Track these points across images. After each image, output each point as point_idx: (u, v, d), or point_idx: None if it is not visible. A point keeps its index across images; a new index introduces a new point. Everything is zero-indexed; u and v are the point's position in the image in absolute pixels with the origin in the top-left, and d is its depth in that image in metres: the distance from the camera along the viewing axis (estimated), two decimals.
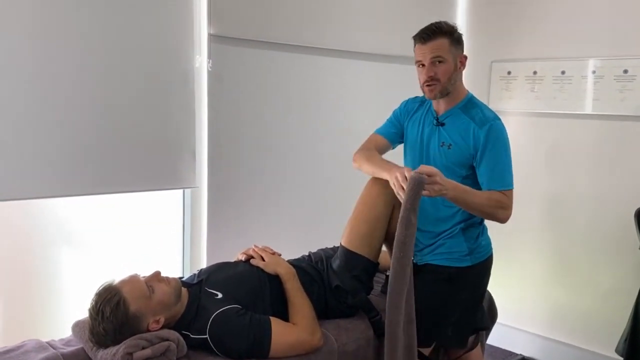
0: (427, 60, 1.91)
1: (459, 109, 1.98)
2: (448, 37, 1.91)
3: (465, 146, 1.93)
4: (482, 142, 1.90)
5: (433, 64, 1.90)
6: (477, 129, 1.91)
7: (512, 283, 3.21)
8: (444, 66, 1.91)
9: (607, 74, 2.84)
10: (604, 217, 2.91)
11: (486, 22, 3.30)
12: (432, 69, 1.90)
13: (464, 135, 1.93)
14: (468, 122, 1.94)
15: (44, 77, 1.96)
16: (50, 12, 1.96)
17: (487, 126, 1.91)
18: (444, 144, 1.97)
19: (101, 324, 1.57)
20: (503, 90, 3.20)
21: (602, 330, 2.91)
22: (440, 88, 1.92)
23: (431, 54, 1.90)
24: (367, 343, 1.95)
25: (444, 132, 1.98)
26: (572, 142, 3.00)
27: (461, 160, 1.95)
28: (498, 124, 1.94)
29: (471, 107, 1.97)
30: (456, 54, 1.93)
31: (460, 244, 1.98)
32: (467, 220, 2.00)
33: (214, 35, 2.36)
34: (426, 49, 1.91)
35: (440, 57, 1.90)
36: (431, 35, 1.90)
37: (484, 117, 1.93)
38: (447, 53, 1.90)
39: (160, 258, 2.43)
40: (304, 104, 2.75)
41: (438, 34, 1.90)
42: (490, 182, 1.91)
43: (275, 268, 1.89)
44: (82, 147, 2.07)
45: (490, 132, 1.90)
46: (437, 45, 1.89)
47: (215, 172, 2.45)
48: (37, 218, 2.13)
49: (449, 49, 1.91)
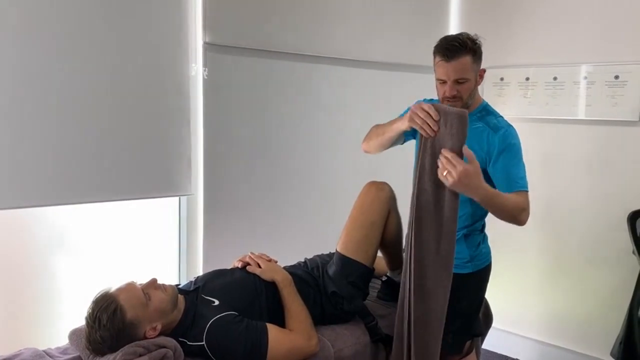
0: (451, 80, 1.86)
1: (474, 115, 1.97)
2: (471, 54, 1.85)
3: (479, 151, 1.92)
4: (496, 147, 1.90)
5: (456, 83, 1.87)
6: (491, 134, 1.91)
7: (508, 288, 3.22)
8: (466, 85, 1.87)
9: (599, 79, 2.87)
10: (598, 221, 2.93)
11: (479, 29, 3.30)
12: (455, 88, 1.87)
13: (479, 140, 1.93)
14: (483, 127, 1.94)
15: (38, 86, 1.97)
16: (46, 22, 1.97)
17: (502, 132, 1.91)
18: None
19: (98, 332, 1.57)
20: (496, 96, 3.23)
21: (598, 334, 2.92)
22: (461, 104, 1.90)
23: (455, 75, 1.84)
24: (363, 349, 1.95)
25: None
26: (565, 147, 3.03)
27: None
28: (512, 130, 1.94)
29: (486, 115, 1.98)
30: (477, 70, 1.90)
31: (462, 250, 1.99)
32: (469, 226, 2.01)
33: (210, 43, 2.38)
34: (450, 67, 1.84)
35: (464, 77, 1.85)
36: (455, 53, 1.83)
37: (498, 123, 1.94)
38: (470, 72, 1.86)
39: (156, 265, 2.43)
40: (299, 111, 2.77)
41: (462, 52, 1.83)
42: (508, 186, 1.89)
43: (272, 275, 1.90)
44: (78, 156, 2.07)
45: (505, 138, 1.90)
46: (461, 64, 1.84)
47: (211, 180, 2.46)
48: (33, 226, 2.13)
49: (472, 66, 1.86)
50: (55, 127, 2.02)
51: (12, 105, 1.92)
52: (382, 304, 2.20)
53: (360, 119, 3.01)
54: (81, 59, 2.05)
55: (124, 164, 2.20)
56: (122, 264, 2.32)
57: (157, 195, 2.35)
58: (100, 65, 2.10)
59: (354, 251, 2.01)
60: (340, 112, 2.94)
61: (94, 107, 2.10)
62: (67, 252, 2.22)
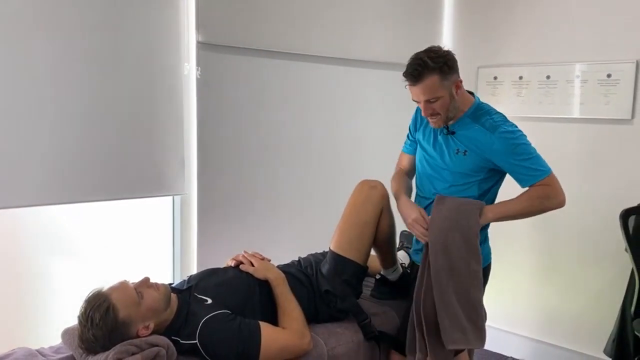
0: (422, 101, 1.89)
1: (467, 117, 1.97)
2: (437, 72, 1.84)
3: (480, 152, 1.93)
4: (499, 149, 1.89)
5: (428, 102, 1.88)
6: (490, 135, 1.90)
7: (502, 286, 3.23)
8: (439, 102, 1.88)
9: (591, 78, 2.88)
10: (591, 219, 2.94)
11: (472, 28, 3.34)
12: (430, 107, 1.89)
13: (477, 142, 1.93)
14: (479, 129, 1.93)
15: (31, 86, 1.97)
16: (38, 22, 1.96)
17: (499, 131, 1.89)
18: (459, 151, 1.96)
19: (90, 330, 1.58)
20: (490, 95, 3.24)
21: (591, 332, 2.93)
22: (443, 118, 1.92)
23: (424, 96, 1.86)
24: (356, 347, 1.96)
25: (457, 140, 1.97)
26: (558, 145, 3.03)
27: (478, 165, 1.95)
28: (508, 125, 1.93)
29: (480, 115, 1.96)
30: (449, 85, 1.88)
31: None
32: None
33: (202, 42, 2.38)
34: (418, 90, 1.87)
35: (434, 97, 1.86)
36: (419, 76, 1.84)
37: (493, 122, 1.92)
38: (439, 90, 1.85)
39: (150, 265, 2.42)
40: (292, 110, 2.77)
41: (425, 73, 1.83)
42: (527, 180, 1.90)
43: (265, 273, 1.90)
44: (71, 155, 2.08)
45: (504, 136, 1.89)
46: (427, 86, 1.84)
47: (204, 179, 2.46)
48: (26, 225, 2.13)
49: (441, 84, 1.85)
50: (48, 128, 2.02)
51: (7, 107, 1.92)
52: (376, 302, 2.21)
53: (354, 118, 3.03)
54: (73, 59, 2.05)
55: (117, 163, 2.20)
56: (116, 264, 2.32)
57: (150, 194, 2.35)
58: (92, 65, 2.10)
59: (347, 250, 2.02)
60: (333, 111, 2.95)
61: (86, 108, 2.10)
62: (60, 251, 2.22)
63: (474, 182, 1.97)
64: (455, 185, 1.99)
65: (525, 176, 1.91)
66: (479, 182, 1.97)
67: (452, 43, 3.37)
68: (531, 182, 1.90)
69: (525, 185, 1.93)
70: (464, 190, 1.98)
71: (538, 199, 1.88)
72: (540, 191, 1.89)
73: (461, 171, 1.97)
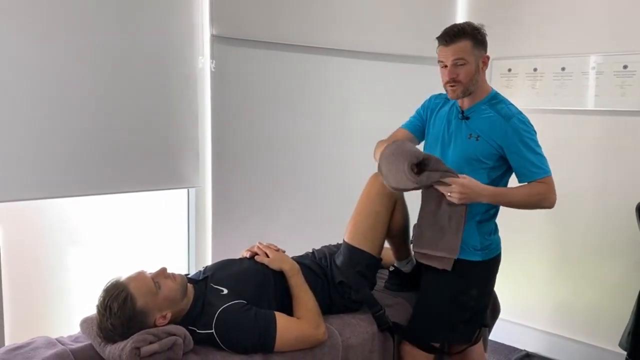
0: (449, 62, 1.90)
1: (483, 104, 1.99)
2: (471, 39, 1.90)
3: (492, 138, 1.94)
4: (510, 136, 1.91)
5: (455, 66, 1.90)
6: (504, 122, 1.93)
7: (516, 279, 3.22)
8: (465, 68, 1.90)
9: (607, 70, 2.86)
10: (607, 212, 2.92)
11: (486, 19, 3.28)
12: (454, 71, 1.90)
13: (491, 128, 1.95)
14: (494, 115, 1.95)
15: (49, 79, 2.00)
16: (55, 15, 1.99)
17: (514, 120, 1.92)
18: (472, 136, 1.98)
19: (109, 320, 1.59)
20: (504, 87, 3.22)
21: (606, 325, 2.92)
22: (462, 89, 1.93)
23: (453, 56, 1.89)
24: (371, 337, 1.97)
25: (471, 125, 1.99)
26: (574, 137, 3.01)
27: (489, 152, 1.96)
28: (523, 117, 1.96)
29: (496, 103, 1.99)
30: (479, 55, 1.92)
31: (474, 237, 1.99)
32: (483, 212, 2.01)
33: (217, 36, 2.39)
34: (448, 51, 1.90)
35: (463, 59, 1.89)
36: (454, 38, 1.89)
37: (509, 111, 1.95)
38: (469, 55, 1.89)
39: (166, 256, 2.45)
40: (307, 103, 2.78)
41: (461, 36, 1.89)
42: (528, 175, 1.93)
43: (280, 264, 1.92)
44: (87, 148, 2.10)
45: (518, 126, 1.91)
46: (459, 47, 1.89)
47: (218, 172, 2.48)
48: (45, 217, 2.16)
49: (472, 51, 1.90)
50: (65, 121, 2.05)
51: (26, 100, 1.96)
52: (390, 293, 2.21)
53: (369, 111, 3.02)
54: (90, 52, 2.08)
55: (133, 157, 2.22)
56: (133, 255, 2.34)
57: (166, 187, 2.38)
58: (108, 58, 2.12)
59: (361, 241, 2.02)
60: (348, 104, 2.95)
61: (102, 101, 2.13)
62: (78, 242, 2.25)
63: (483, 170, 1.97)
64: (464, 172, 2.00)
65: (527, 171, 1.93)
66: (488, 170, 1.98)
67: None
68: (531, 179, 1.93)
69: (524, 180, 1.95)
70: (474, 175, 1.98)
71: (537, 196, 1.92)
72: (541, 189, 1.92)
73: (472, 155, 1.98)
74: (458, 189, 1.85)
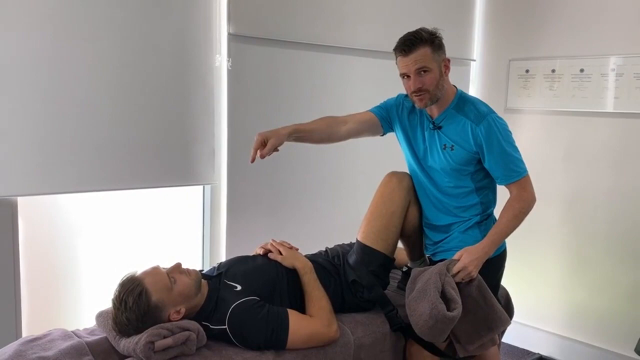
0: (412, 72, 1.88)
1: (452, 109, 1.98)
2: (429, 44, 1.87)
3: (467, 145, 1.94)
4: (484, 139, 1.91)
5: (418, 75, 1.88)
6: (474, 126, 1.92)
7: (531, 282, 3.20)
8: (429, 75, 1.88)
9: (627, 72, 2.82)
10: (623, 215, 2.88)
11: (504, 20, 3.30)
12: (419, 80, 1.88)
13: (463, 134, 1.94)
14: (464, 121, 1.94)
15: (66, 75, 2.02)
16: (73, 11, 2.02)
17: (485, 122, 1.91)
18: (446, 146, 1.98)
19: (124, 314, 1.61)
20: (521, 88, 3.20)
21: (621, 330, 2.88)
22: (429, 97, 1.91)
23: (415, 65, 1.86)
24: (383, 337, 1.97)
25: (443, 135, 1.98)
26: (591, 140, 2.98)
27: (467, 158, 1.96)
28: (494, 116, 1.94)
29: (463, 105, 1.97)
30: (439, 60, 1.90)
31: (476, 236, 2.00)
32: (482, 213, 2.03)
33: (234, 34, 2.41)
34: (409, 60, 1.87)
35: (425, 67, 1.87)
36: (412, 46, 1.86)
37: (478, 113, 1.94)
38: (430, 62, 1.87)
39: (181, 252, 2.48)
40: (323, 102, 2.78)
41: (418, 44, 1.86)
42: (505, 177, 1.94)
43: (293, 262, 1.92)
44: (105, 144, 2.13)
45: (489, 128, 1.91)
46: (419, 55, 1.86)
47: (234, 169, 2.49)
48: (61, 212, 2.20)
49: (432, 56, 1.87)
50: (83, 117, 2.07)
51: (42, 96, 1.99)
52: (403, 294, 2.20)
53: None
54: (108, 49, 2.10)
55: (149, 153, 2.24)
56: (148, 250, 2.37)
57: (181, 184, 2.40)
58: (126, 56, 2.14)
59: (374, 240, 2.02)
60: (365, 103, 2.92)
61: (120, 98, 2.15)
62: (94, 238, 2.28)
63: (466, 176, 1.98)
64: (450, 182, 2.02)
65: (501, 174, 1.94)
66: (471, 175, 1.99)
67: (483, 35, 3.34)
68: (506, 182, 1.94)
69: (500, 183, 1.97)
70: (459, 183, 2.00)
71: (520, 210, 1.94)
72: (517, 203, 1.93)
73: (451, 166, 1.98)
74: (468, 265, 1.87)
